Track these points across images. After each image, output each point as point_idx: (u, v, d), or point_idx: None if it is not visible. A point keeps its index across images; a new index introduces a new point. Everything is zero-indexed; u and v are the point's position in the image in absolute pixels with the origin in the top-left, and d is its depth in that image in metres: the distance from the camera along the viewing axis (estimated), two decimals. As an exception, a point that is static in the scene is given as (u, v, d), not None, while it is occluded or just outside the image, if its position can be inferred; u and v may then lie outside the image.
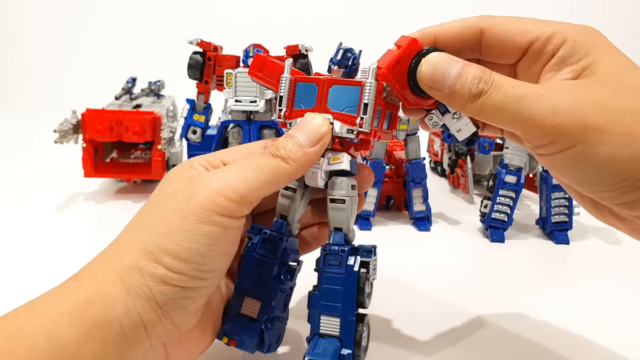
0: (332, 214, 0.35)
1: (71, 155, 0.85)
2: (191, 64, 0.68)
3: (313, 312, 0.35)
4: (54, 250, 0.60)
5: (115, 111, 0.78)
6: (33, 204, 0.76)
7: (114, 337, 0.27)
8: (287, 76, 0.35)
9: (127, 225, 0.33)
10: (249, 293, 0.36)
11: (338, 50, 0.34)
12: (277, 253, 0.36)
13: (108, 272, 0.29)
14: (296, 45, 0.66)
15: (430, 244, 0.67)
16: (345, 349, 0.34)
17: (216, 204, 0.30)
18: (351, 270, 0.35)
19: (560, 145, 0.28)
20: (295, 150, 0.32)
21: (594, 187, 0.28)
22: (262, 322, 0.35)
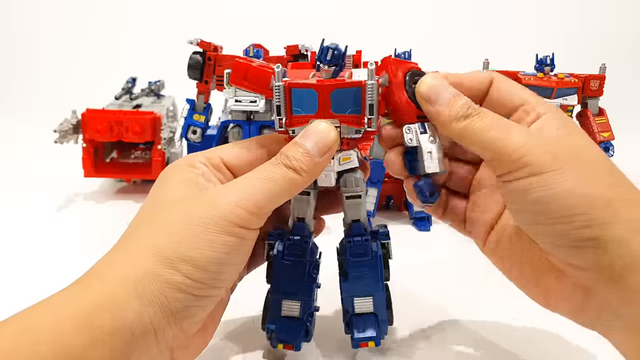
0: (350, 208, 0.38)
1: (71, 155, 0.85)
2: (191, 64, 0.68)
3: (346, 297, 0.40)
4: (54, 250, 0.60)
5: (115, 111, 0.78)
6: (33, 203, 0.76)
7: (123, 344, 0.27)
8: (280, 84, 0.34)
9: (132, 227, 0.33)
10: (287, 296, 0.39)
11: (325, 50, 0.33)
12: (305, 255, 0.38)
13: (119, 277, 0.29)
14: (296, 45, 0.66)
15: (430, 244, 0.67)
16: (381, 319, 0.40)
17: (237, 216, 0.31)
18: (376, 255, 0.39)
19: (526, 171, 0.30)
20: (306, 161, 0.33)
21: (543, 220, 0.30)
22: (305, 319, 0.39)
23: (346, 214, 0.39)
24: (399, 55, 0.73)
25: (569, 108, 0.68)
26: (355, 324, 0.40)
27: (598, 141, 0.71)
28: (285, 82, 0.34)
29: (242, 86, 0.36)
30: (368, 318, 0.40)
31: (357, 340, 0.39)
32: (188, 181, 0.34)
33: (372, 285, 0.39)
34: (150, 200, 0.34)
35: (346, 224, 0.40)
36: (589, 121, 0.72)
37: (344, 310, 0.40)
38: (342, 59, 0.34)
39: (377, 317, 0.40)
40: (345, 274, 0.40)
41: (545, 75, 0.69)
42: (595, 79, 0.70)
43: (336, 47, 0.34)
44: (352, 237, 0.39)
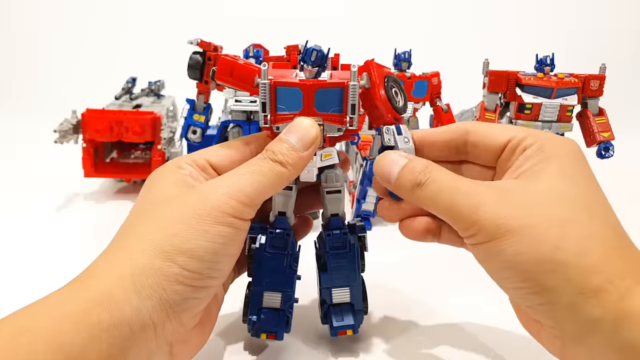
0: (330, 203, 0.40)
1: (71, 155, 0.85)
2: (191, 64, 0.68)
3: (325, 288, 0.41)
4: (54, 250, 0.60)
5: (115, 111, 0.78)
6: (33, 203, 0.76)
7: (121, 340, 0.27)
8: (266, 82, 0.35)
9: (125, 226, 0.33)
10: (268, 288, 0.40)
11: (310, 51, 0.35)
12: (287, 248, 0.39)
13: (116, 274, 0.29)
14: (296, 45, 0.66)
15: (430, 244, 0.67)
16: (357, 308, 0.41)
17: (229, 206, 0.31)
18: (354, 247, 0.41)
19: (479, 238, 0.31)
20: (291, 155, 0.34)
21: (503, 281, 0.31)
22: (286, 310, 0.40)
23: (326, 208, 0.41)
24: (399, 55, 0.73)
25: (569, 108, 0.68)
26: (334, 314, 0.41)
27: (598, 141, 0.71)
28: (271, 80, 0.35)
29: (227, 83, 0.37)
30: (345, 308, 0.41)
31: (336, 328, 0.41)
32: (177, 181, 0.35)
33: (350, 276, 0.41)
34: (141, 201, 0.35)
35: (325, 218, 0.41)
36: (589, 121, 0.72)
37: (320, 301, 0.42)
38: (325, 60, 0.36)
39: (353, 307, 0.41)
40: (324, 266, 0.41)
41: (545, 75, 0.68)
42: (595, 79, 0.70)
43: (320, 49, 0.35)
44: (331, 231, 0.41)
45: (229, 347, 0.43)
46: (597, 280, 0.27)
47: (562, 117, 0.68)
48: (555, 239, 0.28)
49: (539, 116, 0.68)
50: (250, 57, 0.66)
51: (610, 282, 0.27)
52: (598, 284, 0.27)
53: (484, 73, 0.72)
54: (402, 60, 0.72)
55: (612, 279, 0.27)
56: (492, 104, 0.71)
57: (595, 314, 0.27)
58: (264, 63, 0.35)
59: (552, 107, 0.67)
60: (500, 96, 0.71)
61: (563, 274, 0.27)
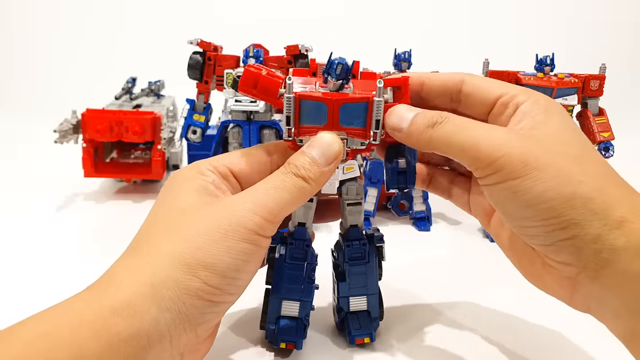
0: (350, 215, 0.41)
1: (71, 155, 0.85)
2: (191, 64, 0.68)
3: (342, 297, 0.42)
4: (54, 250, 0.60)
5: (115, 111, 0.78)
6: (33, 203, 0.76)
7: (138, 350, 0.27)
8: (291, 96, 0.35)
9: (144, 233, 0.33)
10: (286, 296, 0.40)
11: (335, 65, 0.35)
12: (306, 258, 0.40)
13: (137, 284, 0.29)
14: (296, 45, 0.66)
15: (430, 244, 0.67)
16: (374, 316, 0.42)
17: (254, 223, 0.32)
18: (372, 258, 0.41)
19: (500, 176, 0.30)
20: (314, 170, 0.34)
21: (524, 221, 0.31)
22: (303, 318, 0.40)
23: (346, 219, 0.41)
24: (399, 55, 0.73)
25: (569, 108, 0.68)
26: (351, 322, 0.42)
27: (598, 141, 0.71)
28: (296, 94, 0.35)
29: (251, 94, 0.36)
30: (362, 315, 0.42)
31: (354, 336, 0.41)
32: (200, 189, 0.34)
33: (368, 285, 0.42)
34: (161, 207, 0.34)
35: (344, 229, 0.42)
36: (589, 121, 0.72)
37: (337, 308, 0.42)
38: (349, 73, 0.35)
39: (370, 315, 0.42)
40: (342, 275, 0.41)
41: (545, 75, 0.68)
42: (595, 79, 0.70)
43: (345, 62, 0.35)
44: (351, 242, 0.41)
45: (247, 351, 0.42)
46: (619, 212, 0.28)
47: (562, 117, 0.68)
48: (578, 175, 0.29)
49: (539, 116, 0.68)
50: (250, 57, 0.66)
51: (633, 213, 0.28)
52: (621, 216, 0.28)
53: (484, 73, 0.72)
54: (402, 60, 0.72)
55: (634, 210, 0.28)
56: (492, 104, 0.71)
57: (618, 244, 0.28)
58: (289, 76, 0.35)
59: (552, 107, 0.67)
60: (500, 96, 0.71)
61: (589, 208, 0.28)
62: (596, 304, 0.30)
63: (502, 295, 0.51)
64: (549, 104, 0.33)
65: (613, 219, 0.28)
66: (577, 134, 0.32)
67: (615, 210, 0.28)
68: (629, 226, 0.28)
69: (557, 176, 0.29)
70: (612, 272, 0.28)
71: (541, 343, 0.44)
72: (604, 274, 0.29)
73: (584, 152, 0.31)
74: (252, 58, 0.66)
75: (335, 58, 0.35)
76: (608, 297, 0.29)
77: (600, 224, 0.28)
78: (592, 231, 0.28)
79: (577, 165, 0.29)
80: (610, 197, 0.29)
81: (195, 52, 0.68)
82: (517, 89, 0.35)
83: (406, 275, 0.56)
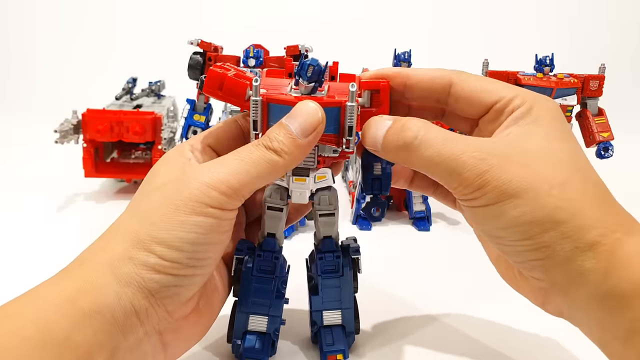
0: (323, 226, 0.39)
1: (71, 156, 0.85)
2: (191, 64, 0.68)
3: (315, 311, 0.40)
4: (54, 250, 0.60)
5: (116, 111, 0.78)
6: (33, 204, 0.76)
7: (106, 325, 0.27)
8: (258, 99, 0.33)
9: (117, 218, 0.33)
10: (254, 311, 0.38)
11: (306, 66, 0.32)
12: (275, 272, 0.38)
13: (97, 263, 0.29)
14: (296, 45, 0.66)
15: (430, 244, 0.67)
16: (349, 330, 0.40)
17: (209, 197, 0.30)
18: (347, 271, 0.39)
19: (481, 202, 0.30)
20: (288, 143, 0.32)
21: (500, 239, 0.31)
22: (272, 334, 0.38)
23: (319, 230, 0.39)
24: (399, 55, 0.73)
25: (568, 108, 0.68)
26: (324, 337, 0.40)
27: (597, 141, 0.71)
28: (264, 97, 0.33)
29: (216, 97, 0.34)
30: (336, 330, 0.40)
31: (325, 353, 0.39)
32: (175, 169, 0.33)
33: (342, 299, 0.40)
34: (139, 189, 0.34)
35: (317, 239, 0.40)
36: (589, 121, 0.72)
37: (311, 321, 0.41)
38: (322, 76, 0.33)
39: (344, 329, 0.40)
40: (315, 289, 0.40)
41: (545, 75, 0.69)
42: (594, 79, 0.70)
43: (317, 63, 0.33)
44: (323, 254, 0.39)
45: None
46: (591, 235, 0.28)
47: (561, 117, 0.68)
48: (556, 200, 0.29)
49: (539, 116, 0.68)
50: (251, 58, 0.67)
51: (604, 235, 0.28)
52: (593, 238, 0.28)
53: (484, 73, 0.72)
54: (401, 60, 0.72)
55: (605, 233, 0.28)
56: (492, 104, 0.71)
57: (587, 266, 0.28)
58: (256, 78, 0.33)
59: (552, 107, 0.67)
60: (500, 96, 0.71)
61: (561, 231, 0.29)
62: (567, 315, 0.32)
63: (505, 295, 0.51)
64: (542, 111, 0.32)
65: (585, 242, 0.28)
66: (566, 148, 0.31)
67: (588, 233, 0.28)
68: (599, 248, 0.28)
69: (534, 201, 0.29)
70: (580, 293, 0.29)
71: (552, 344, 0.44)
72: (573, 294, 0.29)
73: (571, 170, 0.30)
74: (252, 58, 0.67)
75: (307, 59, 0.33)
76: (577, 312, 0.30)
77: (571, 247, 0.29)
78: (562, 254, 0.29)
79: (557, 190, 0.29)
80: (585, 221, 0.29)
81: (195, 52, 0.69)
82: (513, 92, 0.33)
83: (406, 275, 0.56)
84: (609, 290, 0.28)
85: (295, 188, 0.36)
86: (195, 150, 0.36)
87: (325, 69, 0.33)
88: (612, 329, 0.28)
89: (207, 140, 0.36)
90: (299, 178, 0.36)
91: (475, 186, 0.30)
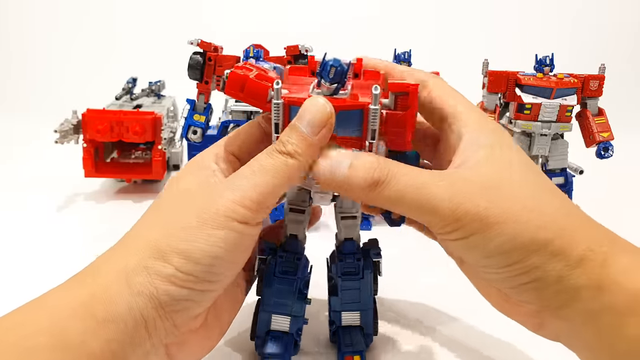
0: (345, 228, 0.39)
1: (71, 156, 0.85)
2: (191, 64, 0.68)
3: (335, 312, 0.40)
4: (55, 250, 0.60)
5: (116, 111, 0.78)
6: (34, 204, 0.76)
7: (118, 335, 0.27)
8: (280, 102, 0.32)
9: (134, 225, 0.33)
10: (276, 310, 0.38)
11: (328, 67, 0.31)
12: (297, 272, 0.38)
13: (112, 271, 0.29)
14: (296, 45, 0.66)
15: (429, 244, 0.67)
16: (367, 332, 0.41)
17: (234, 212, 0.30)
18: (367, 274, 0.39)
19: (460, 234, 0.30)
20: (301, 144, 0.31)
21: (486, 269, 0.31)
22: (295, 334, 0.39)
23: (340, 232, 0.40)
24: (399, 55, 0.73)
25: (568, 108, 0.68)
26: (342, 337, 0.40)
27: (597, 141, 0.71)
28: (285, 99, 0.32)
29: (238, 98, 0.34)
30: (354, 331, 0.40)
31: (343, 353, 0.40)
32: (200, 180, 0.33)
33: (362, 302, 0.40)
34: (156, 199, 0.34)
35: (339, 241, 0.40)
36: (589, 121, 0.72)
37: (330, 321, 0.41)
38: (345, 76, 0.32)
39: (362, 330, 0.40)
40: (335, 289, 0.40)
41: (545, 75, 0.69)
42: (594, 79, 0.70)
43: (339, 64, 0.31)
44: (344, 255, 0.39)
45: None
46: (579, 251, 0.28)
47: (561, 117, 0.68)
48: (537, 222, 0.29)
49: (539, 116, 0.68)
50: (251, 58, 0.66)
51: (592, 249, 0.28)
52: (581, 254, 0.28)
53: (484, 73, 0.72)
54: (401, 60, 0.72)
55: (592, 247, 0.28)
56: (492, 104, 0.71)
57: (579, 283, 0.28)
58: (277, 81, 0.32)
59: (552, 107, 0.67)
60: (500, 96, 0.71)
61: (549, 251, 0.28)
62: (563, 337, 0.31)
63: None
64: (495, 137, 0.32)
65: (573, 259, 0.28)
66: (526, 169, 0.31)
67: (576, 249, 0.28)
68: (588, 264, 0.28)
69: (515, 226, 0.29)
70: (574, 311, 0.29)
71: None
72: (567, 313, 0.29)
73: (537, 190, 0.30)
74: (252, 59, 0.66)
75: (329, 59, 0.31)
76: (573, 332, 0.30)
77: (561, 265, 0.28)
78: (553, 273, 0.28)
79: (533, 212, 0.29)
80: (569, 237, 0.29)
81: (195, 52, 0.68)
82: (466, 115, 0.33)
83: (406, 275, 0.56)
84: (603, 307, 0.27)
85: (317, 190, 0.35)
86: (219, 161, 0.35)
87: (348, 68, 0.32)
88: (613, 352, 0.28)
89: (231, 148, 0.36)
90: None
91: (451, 219, 0.29)
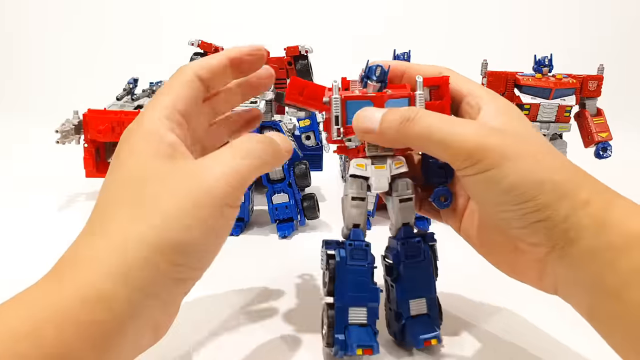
0: (402, 212, 0.40)
1: (72, 156, 0.85)
2: (192, 64, 0.68)
3: (402, 300, 0.41)
4: (55, 251, 0.60)
5: (117, 112, 0.78)
6: (35, 204, 0.77)
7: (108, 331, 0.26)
8: (338, 97, 0.38)
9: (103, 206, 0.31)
10: (352, 303, 0.39)
11: (374, 69, 0.38)
12: (367, 260, 0.39)
13: (104, 266, 0.27)
14: (296, 46, 0.67)
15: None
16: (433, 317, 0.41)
17: (227, 195, 0.30)
18: (428, 255, 0.41)
19: (479, 168, 0.32)
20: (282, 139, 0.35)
21: (501, 206, 0.33)
22: (372, 325, 0.39)
23: (397, 217, 0.40)
24: (398, 56, 0.73)
25: (567, 108, 0.68)
26: (415, 325, 0.41)
27: (596, 141, 0.72)
28: (342, 95, 0.38)
29: (297, 102, 0.39)
30: (423, 319, 0.41)
31: (422, 340, 0.40)
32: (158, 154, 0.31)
33: (426, 286, 0.41)
34: (119, 176, 0.31)
35: (395, 228, 0.41)
36: (587, 122, 0.72)
37: (396, 315, 0.41)
38: (386, 76, 0.38)
39: (430, 317, 0.41)
40: (397, 276, 0.41)
41: (544, 75, 0.69)
42: (593, 80, 0.70)
43: (382, 66, 0.38)
44: (406, 239, 0.41)
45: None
46: (584, 195, 0.31)
47: (560, 117, 0.68)
48: (550, 162, 0.32)
49: (537, 117, 0.68)
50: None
51: (596, 193, 0.31)
52: (586, 197, 0.31)
53: (483, 74, 0.72)
54: (401, 61, 0.73)
55: (596, 192, 0.31)
56: (491, 105, 0.72)
57: (583, 223, 0.30)
58: (335, 79, 0.38)
59: (550, 108, 0.68)
60: (499, 97, 0.72)
61: (559, 191, 0.31)
62: (562, 284, 0.33)
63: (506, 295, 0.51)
64: (510, 107, 0.36)
65: (579, 201, 0.31)
66: (538, 134, 0.35)
67: (581, 193, 0.31)
68: (592, 206, 0.31)
69: (531, 165, 0.31)
70: (576, 250, 0.31)
71: (553, 346, 0.44)
72: (570, 252, 0.31)
73: (549, 147, 0.34)
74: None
75: (374, 64, 0.38)
76: (572, 275, 0.31)
77: (569, 206, 0.31)
78: (562, 212, 0.31)
79: (548, 155, 0.33)
80: (575, 183, 0.32)
81: (196, 53, 0.69)
82: (482, 91, 0.37)
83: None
84: (602, 244, 0.30)
85: (375, 175, 0.39)
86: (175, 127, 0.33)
87: (388, 70, 0.38)
88: (605, 287, 0.29)
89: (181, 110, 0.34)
90: (379, 165, 0.39)
91: (475, 148, 0.32)
